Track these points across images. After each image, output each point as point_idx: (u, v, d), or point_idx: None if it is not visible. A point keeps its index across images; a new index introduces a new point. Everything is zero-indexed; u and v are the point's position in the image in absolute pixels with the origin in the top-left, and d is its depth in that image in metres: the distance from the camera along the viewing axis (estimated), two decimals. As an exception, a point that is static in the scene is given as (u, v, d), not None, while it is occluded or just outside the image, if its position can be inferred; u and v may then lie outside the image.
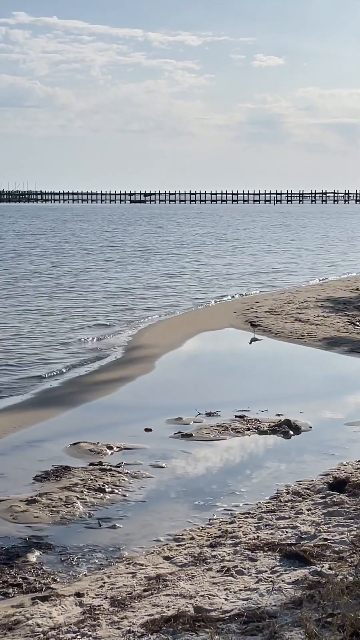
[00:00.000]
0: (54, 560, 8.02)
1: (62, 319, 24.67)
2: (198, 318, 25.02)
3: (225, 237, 72.08)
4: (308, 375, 17.41)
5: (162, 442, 11.97)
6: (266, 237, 72.28)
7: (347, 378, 17.02)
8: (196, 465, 11.03)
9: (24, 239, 66.55)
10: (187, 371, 17.97)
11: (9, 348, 19.79)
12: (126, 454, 11.44)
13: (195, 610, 6.24)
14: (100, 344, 20.70)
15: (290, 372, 17.86)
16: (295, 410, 13.61)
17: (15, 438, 12.37)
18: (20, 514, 9.17)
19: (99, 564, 7.92)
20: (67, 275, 37.48)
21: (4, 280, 35.18)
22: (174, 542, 8.36)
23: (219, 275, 38.75)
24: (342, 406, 14.46)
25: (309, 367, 18.27)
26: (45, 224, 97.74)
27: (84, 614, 6.53)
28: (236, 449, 11.78)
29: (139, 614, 6.34)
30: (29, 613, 6.67)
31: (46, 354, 19.31)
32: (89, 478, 10.25)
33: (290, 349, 19.88)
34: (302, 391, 15.56)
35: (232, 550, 7.72)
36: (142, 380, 16.41)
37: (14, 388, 15.81)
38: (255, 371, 17.92)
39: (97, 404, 14.59)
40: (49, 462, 11.01)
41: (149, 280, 36.05)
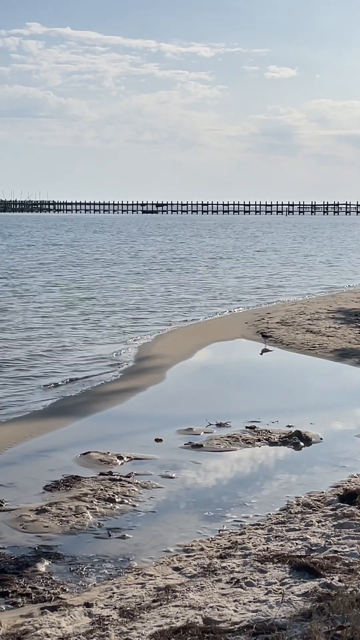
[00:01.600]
0: (63, 570, 8.01)
1: (74, 329, 24.70)
2: (209, 329, 25.01)
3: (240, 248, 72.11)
4: (319, 386, 17.38)
5: (172, 453, 11.96)
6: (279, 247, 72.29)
7: (358, 390, 16.97)
8: (206, 476, 11.01)
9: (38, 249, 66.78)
10: (197, 382, 17.96)
11: (20, 358, 19.82)
12: (136, 464, 11.43)
13: (205, 622, 6.23)
14: (111, 354, 20.70)
15: (301, 383, 17.82)
16: (306, 421, 13.58)
17: (26, 447, 12.37)
18: (30, 524, 9.17)
19: (108, 574, 7.91)
20: (81, 286, 37.53)
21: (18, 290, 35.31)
22: (183, 553, 8.34)
23: (230, 286, 38.75)
24: (353, 418, 14.42)
25: (320, 379, 18.23)
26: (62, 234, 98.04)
27: (93, 624, 6.52)
28: (246, 460, 11.75)
29: (147, 624, 6.33)
30: (38, 623, 6.66)
31: (57, 363, 19.32)
32: (99, 488, 10.24)
33: (302, 360, 19.84)
34: (313, 403, 15.52)
35: (241, 562, 7.69)
36: (153, 391, 16.40)
37: (24, 397, 15.82)
38: (266, 382, 17.89)
39: (107, 414, 14.59)
40: (59, 471, 11.01)
41: (161, 291, 36.09)
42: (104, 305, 30.57)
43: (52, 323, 25.78)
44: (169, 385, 17.04)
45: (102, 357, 20.19)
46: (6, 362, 19.19)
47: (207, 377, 18.50)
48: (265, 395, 16.33)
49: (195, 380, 18.07)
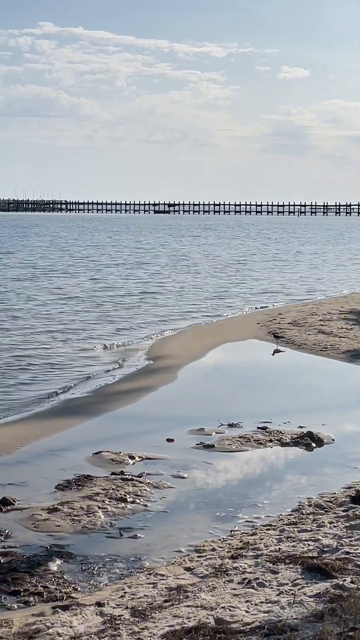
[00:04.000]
0: (75, 570, 8.02)
1: (86, 328, 24.73)
2: (221, 329, 25.00)
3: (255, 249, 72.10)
4: (331, 387, 17.35)
5: (183, 453, 11.95)
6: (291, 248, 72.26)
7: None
8: (218, 477, 11.00)
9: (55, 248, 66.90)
10: (209, 382, 17.95)
11: (32, 356, 19.86)
12: (148, 464, 11.43)
13: (216, 622, 6.22)
14: (122, 353, 20.73)
15: (313, 384, 17.79)
16: (318, 422, 13.55)
17: (38, 447, 12.39)
18: (41, 523, 9.18)
19: (120, 574, 7.91)
20: (94, 285, 37.58)
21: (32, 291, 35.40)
22: (195, 553, 8.33)
23: (242, 286, 38.74)
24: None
25: (332, 380, 18.21)
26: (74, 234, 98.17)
27: (105, 623, 6.52)
28: (258, 461, 11.74)
29: (159, 624, 6.32)
30: (50, 622, 6.66)
31: (69, 363, 19.35)
32: (110, 487, 10.25)
33: (313, 361, 19.81)
34: (325, 403, 15.50)
35: (253, 562, 7.68)
36: (165, 391, 16.40)
37: (36, 397, 15.85)
38: (278, 383, 17.88)
39: (119, 414, 14.60)
40: (71, 471, 11.02)
41: (173, 290, 36.11)
42: (116, 304, 30.60)
43: (62, 321, 25.82)
44: (181, 385, 17.04)
45: (113, 357, 20.20)
46: (18, 360, 19.23)
47: (218, 377, 18.50)
48: (277, 395, 16.32)
49: (207, 381, 18.06)
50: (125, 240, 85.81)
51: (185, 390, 16.79)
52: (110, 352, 20.96)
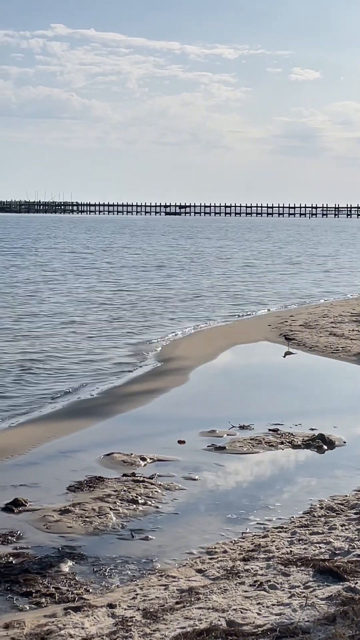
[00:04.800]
0: (86, 571, 8.03)
1: (97, 330, 24.77)
2: (232, 331, 25.00)
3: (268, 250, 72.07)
4: (342, 389, 17.32)
5: (195, 455, 11.96)
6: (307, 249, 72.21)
7: (381, 393, 16.90)
8: (229, 478, 11.00)
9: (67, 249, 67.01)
10: (220, 384, 17.95)
11: (43, 358, 19.90)
12: (159, 466, 11.44)
13: (228, 624, 6.23)
14: (134, 355, 20.75)
15: (324, 386, 17.77)
16: (329, 424, 13.54)
17: (49, 448, 12.41)
18: (53, 524, 9.20)
19: (132, 576, 7.92)
20: (105, 288, 37.62)
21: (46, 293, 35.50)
22: (206, 555, 8.34)
23: (253, 288, 38.74)
24: (376, 421, 14.36)
25: (344, 382, 18.18)
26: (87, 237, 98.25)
27: (116, 625, 6.53)
28: (269, 463, 11.73)
29: (171, 626, 6.33)
30: (62, 623, 6.68)
31: (80, 364, 19.38)
32: (122, 489, 10.26)
33: (325, 363, 19.78)
34: (336, 406, 15.48)
35: (265, 565, 7.68)
36: (176, 392, 16.41)
37: (47, 398, 15.88)
38: (289, 385, 17.87)
39: (130, 415, 14.61)
40: (83, 472, 11.04)
41: (184, 292, 36.13)
42: (127, 305, 30.64)
43: (74, 323, 25.87)
44: (192, 387, 17.04)
45: (124, 359, 20.22)
46: (30, 361, 19.27)
47: (230, 379, 18.50)
48: (288, 398, 16.31)
49: (218, 382, 18.06)
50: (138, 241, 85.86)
51: (197, 392, 16.80)
52: (121, 353, 20.97)
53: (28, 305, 30.29)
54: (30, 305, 30.33)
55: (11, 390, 16.46)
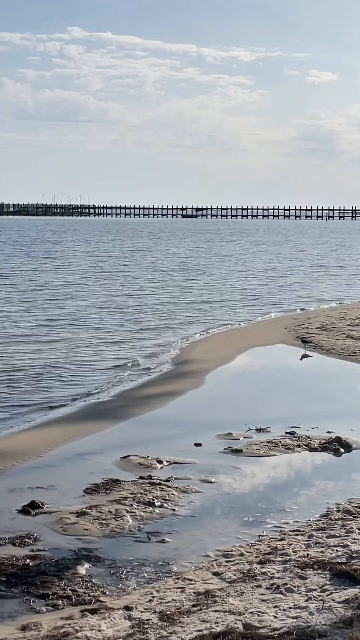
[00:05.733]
0: (103, 573, 8.04)
1: (113, 332, 24.81)
2: (249, 333, 24.97)
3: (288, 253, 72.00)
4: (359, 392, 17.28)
5: (211, 457, 11.95)
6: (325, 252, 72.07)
7: None
8: (245, 481, 10.98)
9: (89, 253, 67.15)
10: (237, 386, 17.94)
11: (60, 361, 19.94)
12: (176, 468, 11.44)
13: (245, 627, 6.22)
14: (150, 357, 20.76)
15: (341, 389, 17.73)
16: (346, 427, 13.50)
17: (66, 450, 12.44)
18: (70, 526, 9.22)
19: (148, 578, 7.92)
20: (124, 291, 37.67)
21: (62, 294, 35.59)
22: (223, 557, 8.33)
23: (270, 291, 38.71)
24: (393, 424, 14.30)
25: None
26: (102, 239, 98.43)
27: (133, 627, 6.54)
28: (286, 466, 11.71)
29: (187, 629, 6.33)
30: (78, 625, 6.69)
31: (97, 366, 19.42)
32: (138, 492, 10.27)
33: (342, 366, 19.73)
34: (354, 409, 15.42)
35: (281, 568, 7.67)
36: (192, 395, 16.40)
37: (64, 400, 15.91)
38: (306, 388, 17.83)
39: (147, 418, 14.62)
40: (99, 474, 11.05)
41: (202, 295, 36.15)
42: (143, 308, 30.67)
43: (90, 326, 25.92)
44: (209, 390, 17.04)
45: (141, 361, 20.24)
46: (47, 363, 19.32)
47: (246, 381, 18.48)
48: (305, 400, 16.26)
49: (234, 385, 18.05)
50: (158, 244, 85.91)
51: (213, 395, 16.79)
52: (138, 356, 20.98)
53: (48, 309, 30.35)
54: (50, 309, 30.40)
55: (28, 393, 16.50)
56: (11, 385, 17.11)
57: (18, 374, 18.25)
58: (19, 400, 15.84)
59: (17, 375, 18.06)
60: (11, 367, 19.01)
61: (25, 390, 16.77)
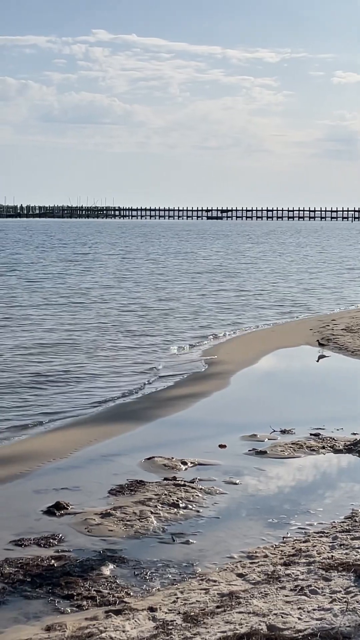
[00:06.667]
0: (127, 574, 8.06)
1: (139, 335, 24.85)
2: (274, 335, 24.93)
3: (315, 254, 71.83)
4: (385, 394, 17.21)
5: (236, 459, 11.95)
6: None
7: None
8: (270, 483, 10.97)
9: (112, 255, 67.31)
10: (262, 388, 17.91)
11: (85, 362, 20.00)
12: (200, 470, 11.44)
13: (269, 629, 6.21)
14: (174, 359, 20.78)
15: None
16: (372, 429, 13.45)
17: (91, 451, 12.48)
18: (94, 527, 9.24)
19: (172, 579, 7.93)
20: (149, 293, 37.73)
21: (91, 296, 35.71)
22: (247, 559, 8.33)
23: (297, 292, 38.63)
24: None
25: (386, 386, 18.04)
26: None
27: (157, 628, 6.55)
28: (311, 467, 11.69)
29: (211, 630, 6.33)
30: (103, 626, 6.71)
31: (121, 368, 19.45)
32: (163, 493, 10.28)
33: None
34: (379, 410, 15.35)
35: (306, 570, 7.65)
36: (217, 396, 16.40)
37: (89, 402, 15.95)
38: (331, 389, 17.77)
39: (171, 419, 14.64)
40: (124, 476, 11.08)
41: (228, 296, 36.14)
42: (171, 311, 30.70)
43: (115, 328, 25.97)
44: (233, 391, 17.03)
45: (165, 363, 20.26)
46: (72, 364, 19.38)
47: (271, 383, 18.45)
48: (330, 402, 16.22)
49: (259, 387, 18.02)
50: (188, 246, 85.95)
51: (238, 396, 16.78)
52: (163, 357, 21.01)
53: (75, 311, 30.45)
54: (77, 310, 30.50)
55: (53, 394, 16.55)
56: (36, 387, 17.17)
57: (44, 376, 18.31)
58: (44, 402, 15.89)
59: (43, 378, 18.12)
60: (37, 370, 19.07)
61: (49, 391, 16.82)
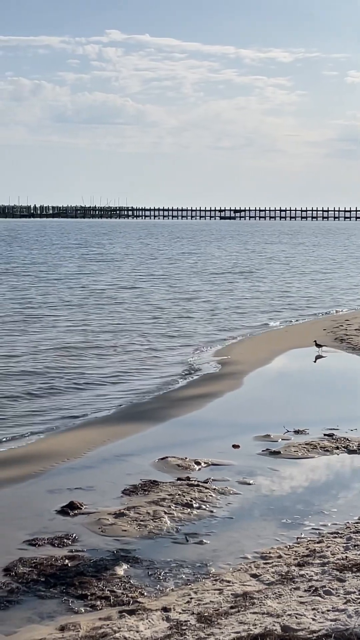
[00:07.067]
0: (141, 574, 8.06)
1: (152, 335, 24.84)
2: (287, 335, 24.89)
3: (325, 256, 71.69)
4: None
5: (249, 459, 11.93)
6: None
7: None
8: (284, 483, 10.95)
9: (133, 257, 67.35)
10: (275, 388, 17.88)
11: (99, 364, 20.02)
12: (214, 470, 11.43)
13: (283, 630, 6.20)
14: (188, 359, 20.76)
15: (380, 391, 17.59)
16: (386, 429, 13.41)
17: (104, 452, 12.48)
18: (108, 527, 9.25)
19: (186, 579, 7.93)
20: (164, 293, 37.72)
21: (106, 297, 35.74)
22: (261, 559, 8.31)
23: (311, 292, 38.57)
24: None
25: None
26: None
27: (171, 629, 6.54)
28: (324, 468, 11.66)
29: (225, 631, 6.32)
30: (117, 626, 6.71)
31: (135, 369, 19.46)
32: (176, 493, 10.28)
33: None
34: (393, 411, 15.30)
35: (320, 570, 7.64)
36: (230, 397, 16.39)
37: (103, 402, 15.97)
38: (345, 390, 17.73)
39: (185, 419, 14.63)
40: (137, 476, 11.08)
41: (243, 296, 36.11)
42: (185, 312, 30.69)
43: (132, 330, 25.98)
44: (247, 392, 17.00)
45: (179, 362, 20.26)
46: (87, 365, 19.40)
47: (284, 383, 18.42)
48: (343, 402, 16.18)
49: (273, 387, 17.99)
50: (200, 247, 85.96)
51: (251, 397, 16.75)
52: (176, 357, 21.00)
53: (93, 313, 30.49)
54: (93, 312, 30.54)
55: (66, 395, 16.58)
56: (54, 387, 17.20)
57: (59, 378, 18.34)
58: (59, 404, 15.91)
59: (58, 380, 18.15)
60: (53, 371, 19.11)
61: (63, 391, 16.85)
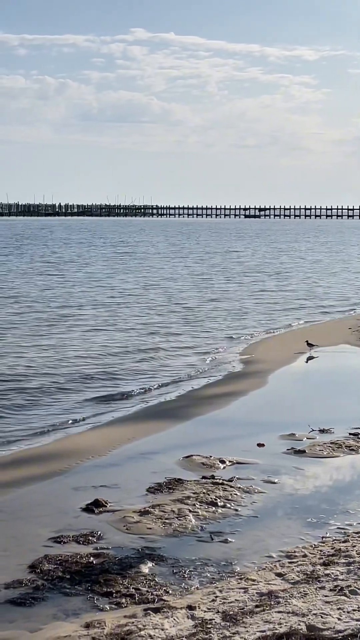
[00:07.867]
0: (166, 572, 8.06)
1: (176, 333, 24.86)
2: (312, 334, 24.79)
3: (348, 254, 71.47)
4: None
5: (274, 458, 11.91)
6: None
7: None
8: (308, 482, 10.92)
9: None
10: (300, 387, 17.84)
11: (123, 362, 20.05)
12: (238, 469, 11.42)
13: (308, 629, 6.18)
14: (212, 358, 20.76)
15: None
16: None
17: (129, 449, 12.50)
18: (133, 525, 9.26)
19: (211, 578, 7.93)
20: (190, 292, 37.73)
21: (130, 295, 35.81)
22: (286, 558, 8.30)
23: (337, 291, 38.44)
24: None
25: None
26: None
27: (196, 627, 6.55)
28: (350, 467, 11.62)
29: (250, 629, 6.32)
30: (141, 624, 6.72)
31: (159, 367, 19.48)
32: (201, 491, 10.28)
33: None
34: None
35: (345, 570, 7.61)
36: (255, 395, 16.37)
37: (127, 400, 16.00)
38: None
39: (209, 418, 14.63)
40: (162, 474, 11.09)
41: (266, 295, 36.07)
42: (209, 310, 30.69)
43: (154, 328, 26.01)
44: (271, 390, 16.98)
45: (203, 361, 20.25)
46: (111, 363, 19.44)
47: (309, 382, 18.37)
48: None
49: (297, 386, 17.96)
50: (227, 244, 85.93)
51: (276, 395, 16.73)
52: (201, 356, 21.00)
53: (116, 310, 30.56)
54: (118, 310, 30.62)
55: (91, 392, 16.62)
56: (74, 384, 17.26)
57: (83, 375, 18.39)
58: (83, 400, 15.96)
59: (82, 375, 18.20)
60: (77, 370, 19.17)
61: (87, 389, 16.89)
